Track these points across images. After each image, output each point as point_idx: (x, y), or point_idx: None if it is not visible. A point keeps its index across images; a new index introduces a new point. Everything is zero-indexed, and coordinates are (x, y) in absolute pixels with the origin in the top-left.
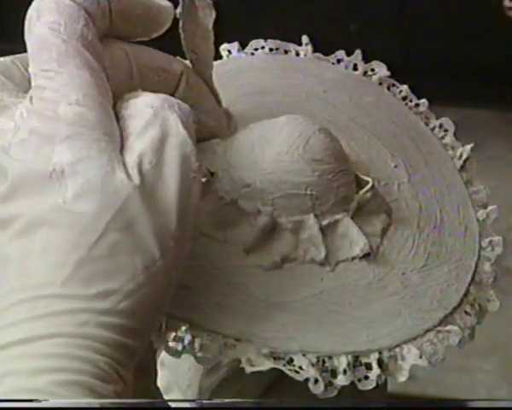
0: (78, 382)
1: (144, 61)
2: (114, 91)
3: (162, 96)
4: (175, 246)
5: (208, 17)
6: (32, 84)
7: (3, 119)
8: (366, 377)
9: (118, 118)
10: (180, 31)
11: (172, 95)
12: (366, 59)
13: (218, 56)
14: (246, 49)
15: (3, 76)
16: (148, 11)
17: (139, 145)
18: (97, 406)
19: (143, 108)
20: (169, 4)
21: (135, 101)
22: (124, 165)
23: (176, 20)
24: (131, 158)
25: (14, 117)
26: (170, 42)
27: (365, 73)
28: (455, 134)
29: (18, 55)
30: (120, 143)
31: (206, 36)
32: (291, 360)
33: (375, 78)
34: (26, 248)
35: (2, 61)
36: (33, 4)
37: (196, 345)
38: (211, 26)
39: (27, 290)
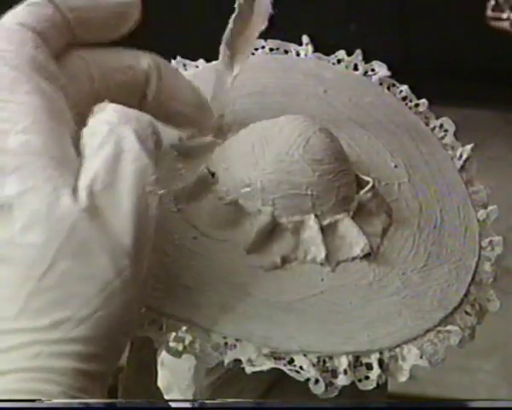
0: None
1: (106, 62)
2: (77, 104)
3: (121, 110)
4: (132, 263)
5: (260, 25)
6: None
7: None
8: (367, 378)
9: (81, 137)
10: (230, 20)
11: (144, 92)
12: (366, 59)
13: (217, 57)
14: None
15: None
16: (112, 11)
17: (93, 165)
18: (98, 406)
19: (100, 125)
20: None
21: (94, 118)
22: (74, 188)
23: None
24: (84, 180)
25: None
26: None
27: (365, 73)
28: (455, 134)
29: None
30: (79, 164)
31: (248, 40)
32: (292, 360)
33: (375, 78)
34: None
35: None
36: None
37: (197, 345)
38: (256, 35)
39: None
